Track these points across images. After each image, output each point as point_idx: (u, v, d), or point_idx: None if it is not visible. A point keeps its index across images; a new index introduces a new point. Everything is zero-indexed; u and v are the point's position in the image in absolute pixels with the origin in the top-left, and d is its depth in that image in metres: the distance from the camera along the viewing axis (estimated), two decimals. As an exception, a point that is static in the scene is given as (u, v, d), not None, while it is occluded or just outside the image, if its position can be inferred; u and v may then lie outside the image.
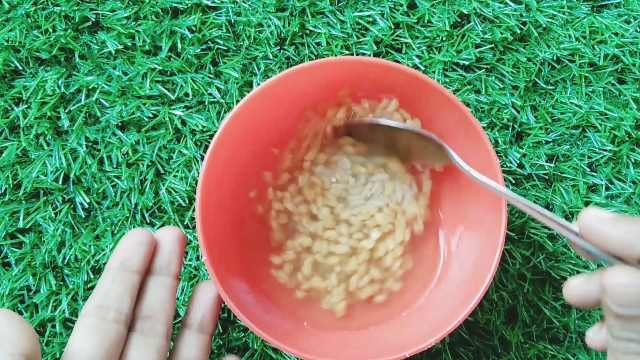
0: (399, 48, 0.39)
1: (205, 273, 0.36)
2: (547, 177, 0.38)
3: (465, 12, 0.38)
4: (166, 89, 0.37)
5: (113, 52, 0.37)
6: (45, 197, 0.36)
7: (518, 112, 0.38)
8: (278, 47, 0.38)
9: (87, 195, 0.36)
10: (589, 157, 0.38)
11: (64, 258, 0.36)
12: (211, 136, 0.37)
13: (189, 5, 0.38)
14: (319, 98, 0.33)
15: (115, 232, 0.36)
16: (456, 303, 0.30)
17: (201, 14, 0.38)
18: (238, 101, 0.31)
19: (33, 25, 0.38)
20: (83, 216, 0.36)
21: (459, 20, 0.38)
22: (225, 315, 0.36)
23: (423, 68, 0.38)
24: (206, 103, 0.37)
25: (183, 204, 0.36)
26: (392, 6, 0.38)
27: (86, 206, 0.36)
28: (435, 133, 0.34)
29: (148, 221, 0.36)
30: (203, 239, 0.28)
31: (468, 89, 0.38)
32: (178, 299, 0.36)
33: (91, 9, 0.38)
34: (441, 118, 0.32)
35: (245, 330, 0.36)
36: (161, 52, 0.37)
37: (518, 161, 0.38)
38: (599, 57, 0.39)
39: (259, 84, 0.31)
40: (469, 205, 0.33)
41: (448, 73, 0.38)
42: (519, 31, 0.38)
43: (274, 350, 0.35)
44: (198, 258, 0.36)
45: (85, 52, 0.38)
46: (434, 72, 0.38)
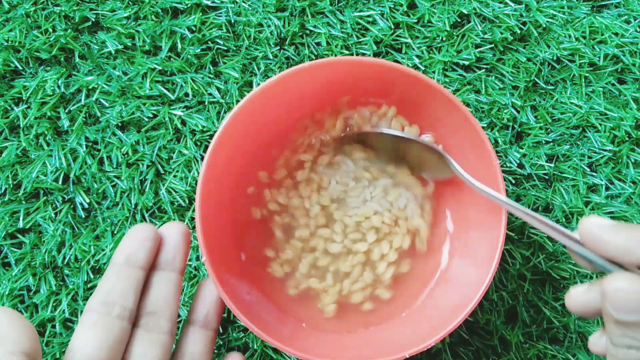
0: (399, 48, 0.39)
1: (205, 273, 0.36)
2: (547, 177, 0.38)
3: (465, 12, 0.38)
4: (166, 89, 0.37)
5: (113, 52, 0.37)
6: (45, 197, 0.36)
7: (518, 112, 0.38)
8: (278, 47, 0.38)
9: (87, 195, 0.36)
10: (589, 157, 0.38)
11: (64, 258, 0.36)
12: (211, 136, 0.37)
13: (189, 5, 0.38)
14: (319, 98, 0.33)
15: (115, 232, 0.36)
16: (456, 303, 0.30)
17: (201, 14, 0.38)
18: (238, 101, 0.31)
19: (33, 25, 0.38)
20: (83, 216, 0.36)
21: (459, 20, 0.38)
22: (225, 315, 0.36)
23: (423, 68, 0.38)
24: (206, 103, 0.37)
25: (183, 204, 0.36)
26: (392, 6, 0.38)
27: (86, 206, 0.36)
28: (435, 133, 0.34)
29: (148, 221, 0.36)
30: (203, 239, 0.28)
31: (468, 89, 0.38)
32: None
33: (91, 9, 0.38)
34: (441, 118, 0.32)
35: (245, 330, 0.36)
36: (161, 52, 0.37)
37: (518, 161, 0.38)
38: (599, 57, 0.39)
39: (259, 84, 0.31)
40: (469, 205, 0.33)
41: (448, 73, 0.38)
42: (519, 31, 0.38)
43: (274, 350, 0.35)
44: (198, 258, 0.36)
45: (85, 52, 0.38)
46: (434, 72, 0.38)
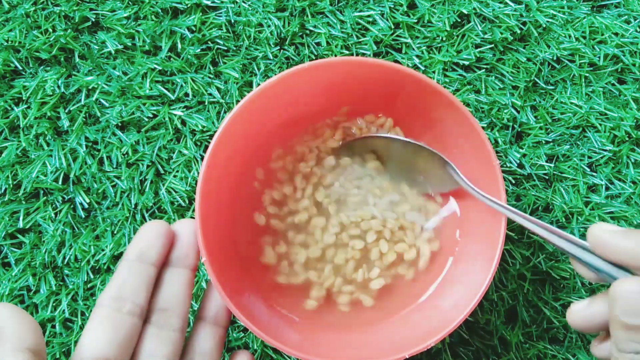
0: (399, 48, 0.39)
1: (205, 273, 0.36)
2: (547, 177, 0.38)
3: (465, 12, 0.38)
4: (166, 89, 0.37)
5: (113, 52, 0.37)
6: (45, 197, 0.36)
7: (518, 112, 0.38)
8: (278, 47, 0.38)
9: (87, 195, 0.36)
10: (589, 157, 0.38)
11: (64, 258, 0.36)
12: (211, 136, 0.37)
13: (189, 5, 0.38)
14: (319, 99, 0.33)
15: (115, 232, 0.36)
16: (456, 303, 0.30)
17: (201, 14, 0.38)
18: (238, 101, 0.31)
19: (33, 25, 0.37)
20: (83, 216, 0.36)
21: (459, 20, 0.38)
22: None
23: (423, 68, 0.38)
24: (206, 103, 0.37)
25: (183, 204, 0.36)
26: (392, 6, 0.38)
27: (86, 206, 0.36)
28: (434, 134, 0.34)
29: (148, 221, 0.36)
30: (203, 240, 0.28)
31: (468, 89, 0.38)
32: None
33: (91, 9, 0.38)
34: (441, 119, 0.32)
35: (245, 330, 0.36)
36: (161, 52, 0.37)
37: (518, 161, 0.38)
38: (599, 57, 0.39)
39: (259, 84, 0.31)
40: (470, 205, 0.33)
41: (448, 73, 0.38)
42: (519, 31, 0.38)
43: (274, 350, 0.35)
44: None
45: (85, 52, 0.38)
46: (434, 72, 0.38)
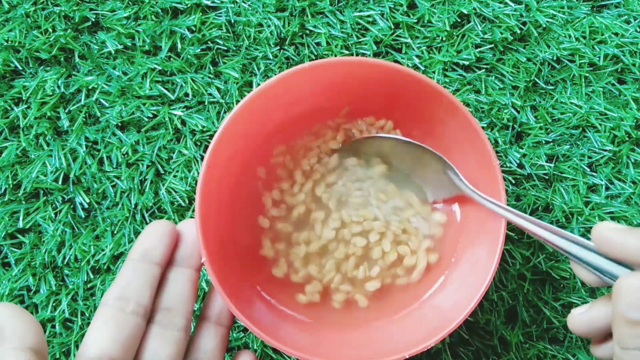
0: (399, 48, 0.39)
1: (205, 273, 0.36)
2: (547, 177, 0.38)
3: (465, 12, 0.38)
4: (166, 89, 0.37)
5: (113, 52, 0.37)
6: (45, 197, 0.36)
7: (518, 112, 0.38)
8: (278, 47, 0.38)
9: (87, 195, 0.36)
10: (589, 157, 0.38)
11: (64, 258, 0.36)
12: (211, 136, 0.37)
13: (189, 5, 0.38)
14: (320, 99, 0.33)
15: (115, 232, 0.36)
16: (456, 303, 0.30)
17: (201, 14, 0.38)
18: (238, 101, 0.31)
19: (33, 25, 0.37)
20: (83, 216, 0.36)
21: (459, 20, 0.38)
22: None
23: (423, 68, 0.38)
24: (206, 103, 0.37)
25: (183, 204, 0.36)
26: (392, 6, 0.38)
27: (86, 206, 0.36)
28: (434, 134, 0.34)
29: (148, 221, 0.36)
30: (203, 240, 0.28)
31: (468, 89, 0.38)
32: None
33: (91, 9, 0.38)
34: (441, 119, 0.32)
35: (245, 330, 0.36)
36: (161, 52, 0.37)
37: (518, 161, 0.38)
38: (599, 57, 0.39)
39: (259, 84, 0.31)
40: (470, 206, 0.33)
41: (448, 73, 0.38)
42: (519, 31, 0.38)
43: (274, 350, 0.35)
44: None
45: (85, 52, 0.38)
46: (434, 72, 0.38)
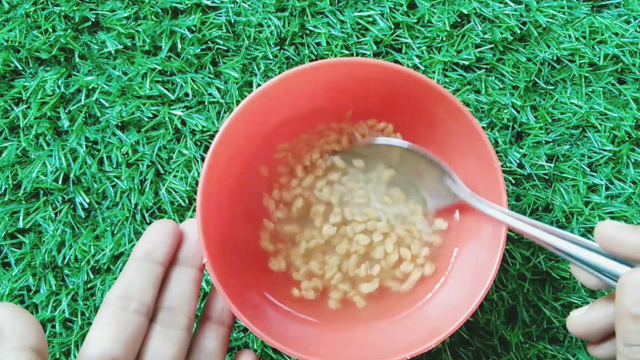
0: (399, 48, 0.39)
1: (205, 273, 0.36)
2: (547, 177, 0.38)
3: (465, 12, 0.38)
4: (166, 89, 0.37)
5: (113, 52, 0.37)
6: (45, 197, 0.36)
7: (518, 112, 0.38)
8: (278, 47, 0.38)
9: (87, 195, 0.36)
10: (589, 157, 0.38)
11: (64, 258, 0.36)
12: (211, 136, 0.37)
13: (189, 5, 0.38)
14: (320, 99, 0.33)
15: (115, 232, 0.36)
16: (457, 304, 0.30)
17: (201, 14, 0.38)
18: (238, 101, 0.31)
19: (33, 25, 0.37)
20: (83, 216, 0.36)
21: (459, 20, 0.38)
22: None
23: (423, 68, 0.38)
24: (206, 103, 0.37)
25: (183, 204, 0.36)
26: (392, 6, 0.38)
27: (86, 206, 0.36)
28: (435, 135, 0.34)
29: (148, 221, 0.36)
30: (204, 241, 0.28)
31: (468, 89, 0.38)
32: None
33: (91, 9, 0.38)
34: (441, 119, 0.32)
35: (245, 330, 0.36)
36: (161, 52, 0.37)
37: (518, 161, 0.38)
38: (599, 57, 0.39)
39: (259, 84, 0.31)
40: (471, 207, 0.33)
41: (448, 73, 0.38)
42: (519, 31, 0.38)
43: (274, 350, 0.35)
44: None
45: (85, 52, 0.38)
46: (434, 72, 0.38)
